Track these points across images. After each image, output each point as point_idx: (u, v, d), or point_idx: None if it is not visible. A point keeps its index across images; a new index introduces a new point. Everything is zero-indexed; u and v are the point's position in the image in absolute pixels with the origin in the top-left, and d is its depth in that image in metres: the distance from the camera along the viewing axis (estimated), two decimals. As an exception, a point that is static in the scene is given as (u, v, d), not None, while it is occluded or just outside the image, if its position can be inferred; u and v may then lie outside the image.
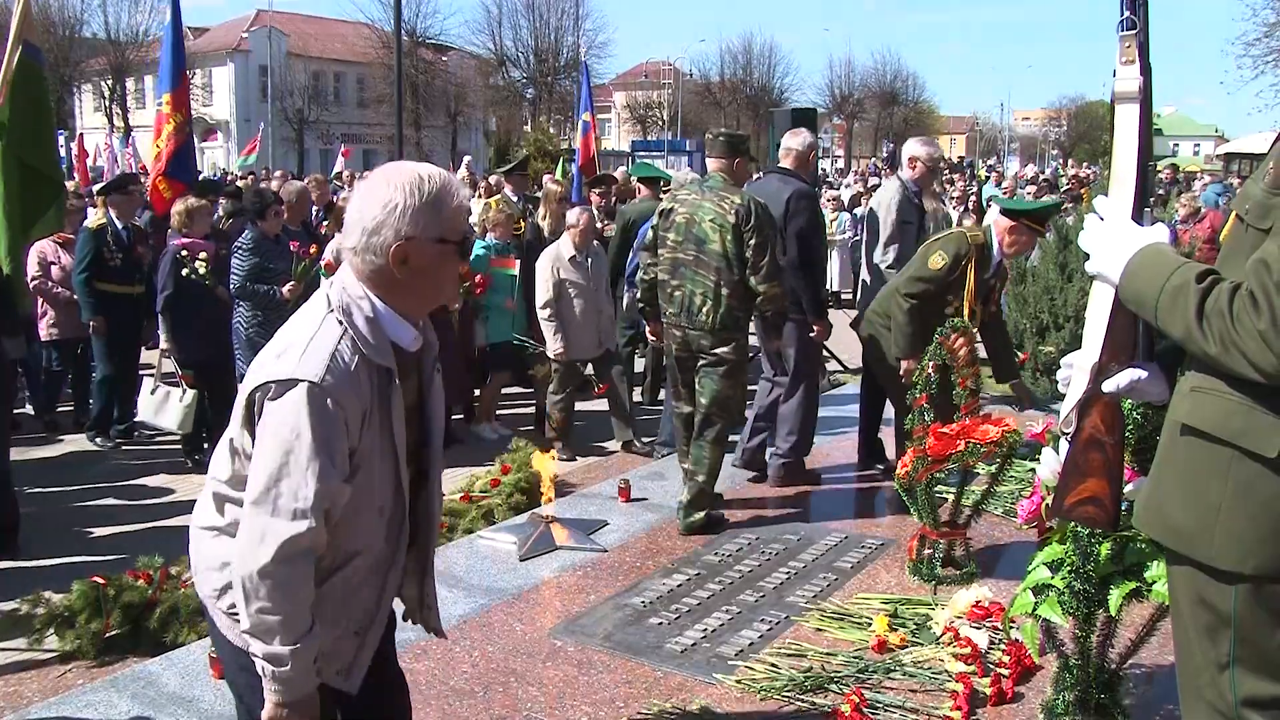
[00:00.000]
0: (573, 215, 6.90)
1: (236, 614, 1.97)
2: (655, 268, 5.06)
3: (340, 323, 1.97)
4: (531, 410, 7.89)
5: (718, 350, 4.86)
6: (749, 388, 5.30)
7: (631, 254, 7.20)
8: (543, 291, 6.73)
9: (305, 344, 1.96)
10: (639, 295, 5.39)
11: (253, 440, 1.97)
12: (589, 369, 7.18)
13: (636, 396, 7.94)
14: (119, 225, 7.23)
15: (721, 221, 4.79)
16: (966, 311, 5.08)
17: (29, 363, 7.81)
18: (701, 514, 4.96)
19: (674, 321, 4.97)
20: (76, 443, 7.35)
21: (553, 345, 6.72)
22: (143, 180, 9.47)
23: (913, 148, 6.51)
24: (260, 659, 1.93)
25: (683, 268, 4.90)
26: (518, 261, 7.31)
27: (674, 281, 4.93)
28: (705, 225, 4.84)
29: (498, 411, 7.81)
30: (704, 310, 4.83)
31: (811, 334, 5.51)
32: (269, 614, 1.90)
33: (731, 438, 5.27)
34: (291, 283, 6.55)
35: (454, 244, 2.03)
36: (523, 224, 8.00)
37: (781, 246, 5.22)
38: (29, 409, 7.95)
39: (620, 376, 6.99)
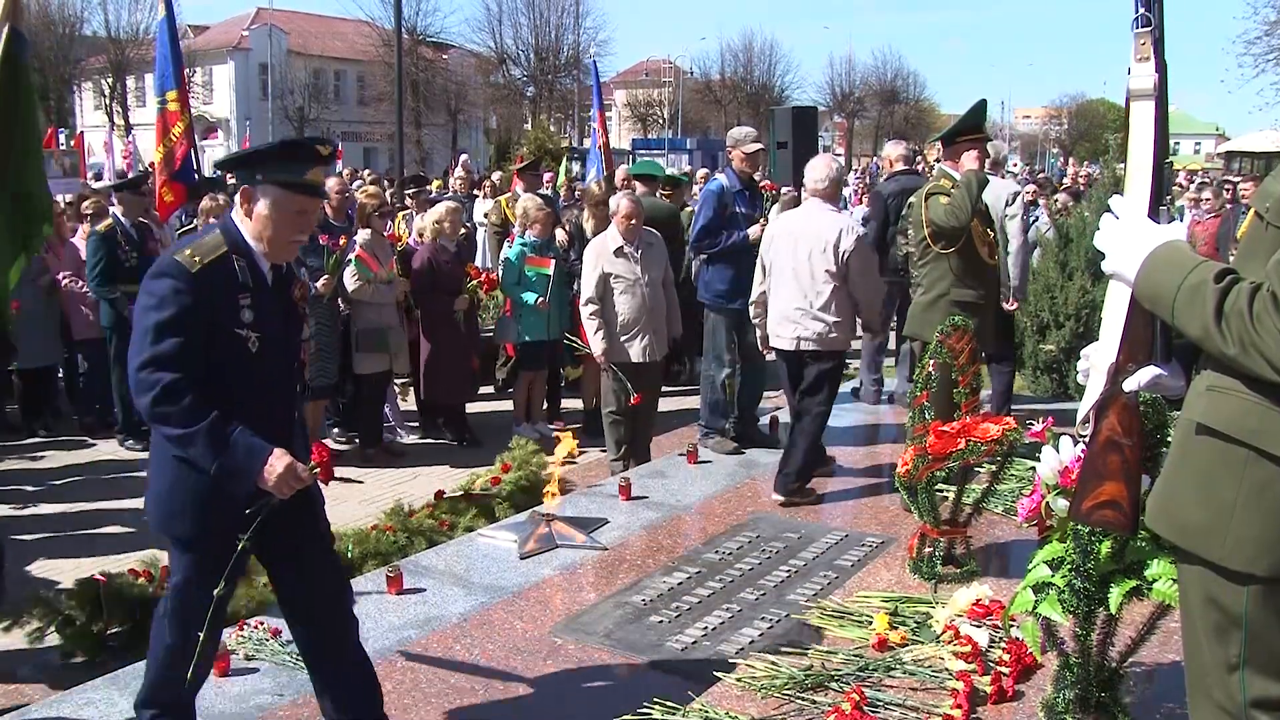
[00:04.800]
0: (615, 201, 6.23)
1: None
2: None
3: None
4: (578, 405, 7.84)
5: None
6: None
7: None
8: (586, 286, 6.16)
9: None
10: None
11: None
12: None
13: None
14: (127, 224, 7.16)
15: None
16: (986, 253, 5.49)
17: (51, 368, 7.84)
18: None
19: None
20: (108, 447, 7.34)
21: (595, 346, 6.08)
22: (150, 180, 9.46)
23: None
24: None
25: None
26: (553, 261, 7.24)
27: None
28: None
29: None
30: None
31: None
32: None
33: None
34: (325, 277, 6.53)
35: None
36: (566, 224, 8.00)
37: None
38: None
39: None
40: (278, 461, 2.62)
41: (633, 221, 5.99)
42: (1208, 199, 10.27)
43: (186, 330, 2.60)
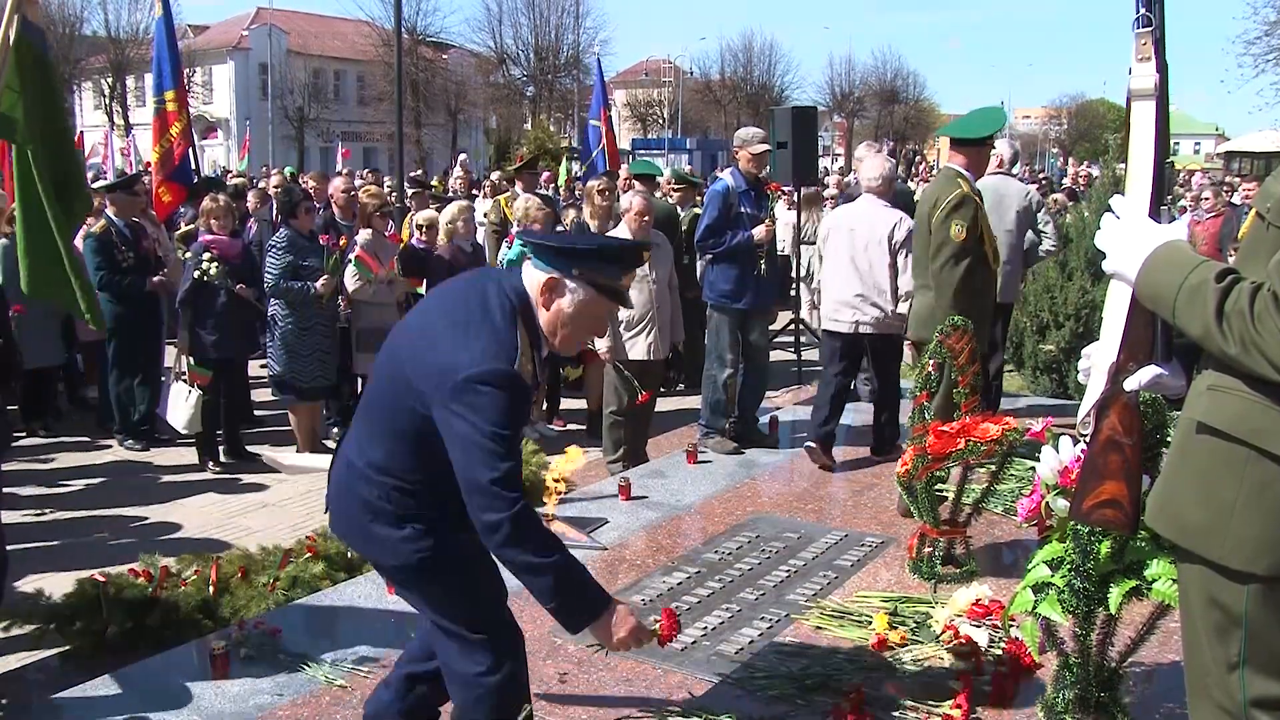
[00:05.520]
0: (626, 199, 6.23)
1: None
2: None
3: None
4: (583, 405, 7.83)
5: None
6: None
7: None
8: None
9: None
10: None
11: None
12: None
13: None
14: (120, 224, 7.17)
15: None
16: (991, 255, 5.26)
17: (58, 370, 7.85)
18: None
19: None
20: (112, 447, 7.33)
21: (599, 343, 6.03)
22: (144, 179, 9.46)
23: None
24: None
25: None
26: None
27: None
28: None
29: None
30: None
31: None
32: None
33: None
34: (325, 277, 6.55)
35: None
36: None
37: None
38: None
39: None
40: (622, 624, 2.49)
41: (645, 219, 5.99)
42: (1207, 198, 10.31)
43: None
